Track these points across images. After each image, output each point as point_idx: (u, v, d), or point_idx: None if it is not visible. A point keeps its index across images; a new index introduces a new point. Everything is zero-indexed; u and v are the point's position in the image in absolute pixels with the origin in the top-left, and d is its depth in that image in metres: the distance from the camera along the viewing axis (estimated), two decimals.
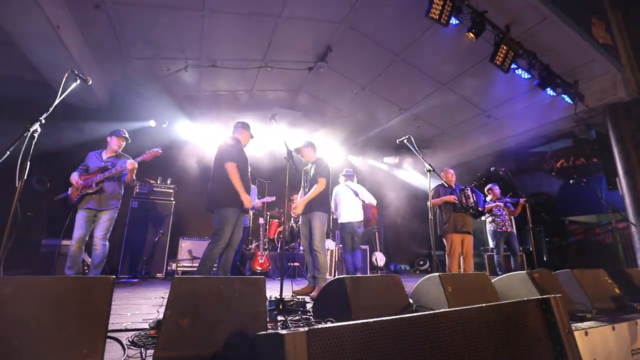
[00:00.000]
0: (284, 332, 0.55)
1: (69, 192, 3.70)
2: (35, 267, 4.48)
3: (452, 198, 4.49)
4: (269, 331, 0.74)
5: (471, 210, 4.51)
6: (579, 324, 1.73)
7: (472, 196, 4.55)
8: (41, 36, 3.83)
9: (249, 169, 3.43)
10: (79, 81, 2.11)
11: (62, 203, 3.87)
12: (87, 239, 3.68)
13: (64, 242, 4.48)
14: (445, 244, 4.57)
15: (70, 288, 1.30)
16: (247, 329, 1.35)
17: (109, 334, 1.74)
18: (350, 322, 0.59)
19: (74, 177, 3.67)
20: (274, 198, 5.59)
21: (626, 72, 5.52)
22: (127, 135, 4.00)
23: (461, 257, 4.52)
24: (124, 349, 1.58)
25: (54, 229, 4.70)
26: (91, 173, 3.73)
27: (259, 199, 5.43)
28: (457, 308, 0.72)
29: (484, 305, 0.74)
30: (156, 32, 4.69)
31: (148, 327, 1.83)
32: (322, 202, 3.68)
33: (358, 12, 4.80)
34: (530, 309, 0.78)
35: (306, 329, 0.57)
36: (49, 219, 4.96)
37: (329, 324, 0.59)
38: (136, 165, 3.74)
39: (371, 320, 0.62)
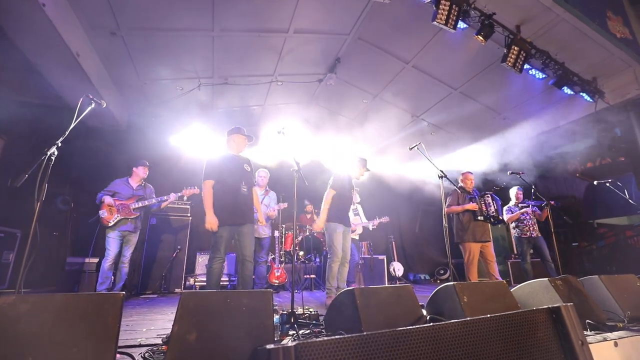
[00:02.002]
0: (271, 346, 0.54)
1: (104, 214, 4.03)
2: (60, 284, 4.64)
3: (474, 206, 4.34)
4: (270, 345, 0.73)
5: (492, 220, 4.34)
6: (608, 334, 1.62)
7: (493, 204, 4.38)
8: (63, 65, 4.07)
9: (250, 176, 3.40)
10: (93, 105, 2.22)
11: (84, 223, 4.18)
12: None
13: (88, 260, 4.66)
14: (463, 252, 4.41)
15: (81, 305, 1.33)
16: (254, 343, 1.34)
17: (122, 350, 1.78)
18: (339, 337, 0.57)
19: (109, 201, 4.07)
20: (285, 205, 5.58)
21: None
22: (148, 164, 4.53)
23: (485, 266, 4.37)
24: None
25: (77, 247, 4.89)
26: (125, 199, 4.20)
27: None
28: (460, 320, 0.69)
29: (490, 316, 0.70)
30: (169, 54, 4.90)
31: (161, 342, 1.85)
32: (330, 212, 3.83)
33: (365, 23, 4.85)
34: (539, 319, 0.73)
35: (294, 343, 0.55)
36: (73, 238, 5.16)
37: (319, 338, 0.58)
38: (176, 200, 4.48)
39: (363, 334, 0.60)
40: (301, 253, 6.60)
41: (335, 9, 4.55)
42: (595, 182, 5.25)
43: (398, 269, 6.51)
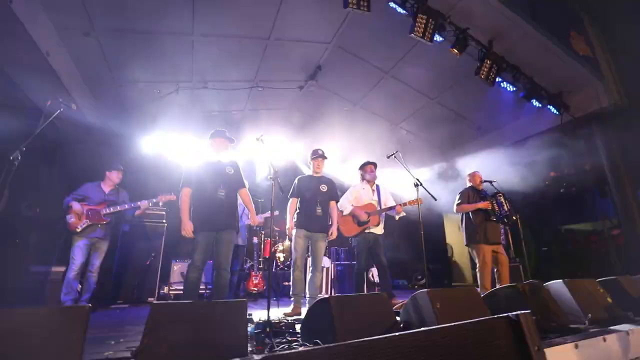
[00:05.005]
0: None
1: (70, 219, 3.81)
2: (24, 294, 4.37)
3: (486, 204, 4.09)
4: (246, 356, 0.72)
5: (506, 220, 4.08)
6: (569, 337, 1.70)
7: (506, 203, 4.10)
8: (31, 64, 3.89)
9: (233, 180, 3.27)
10: (63, 108, 2.14)
11: (51, 229, 3.92)
12: None
13: (55, 269, 4.40)
14: (476, 256, 4.09)
15: (43, 320, 1.27)
16: (227, 355, 1.31)
17: None
18: (303, 349, 0.58)
19: (77, 207, 3.83)
20: (268, 214, 5.54)
21: (608, 83, 5.67)
22: (123, 168, 4.30)
23: (494, 270, 4.08)
24: None
25: (42, 255, 4.62)
26: (96, 204, 3.97)
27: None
28: (422, 329, 0.71)
29: (446, 325, 0.72)
30: (147, 57, 4.78)
31: (130, 355, 1.78)
32: (297, 218, 3.75)
33: (346, 32, 4.94)
34: (497, 327, 0.77)
35: (261, 356, 0.55)
36: (38, 246, 4.88)
37: (286, 351, 0.58)
38: (150, 206, 4.20)
39: (321, 346, 0.60)
40: (281, 258, 6.55)
41: (316, 18, 4.61)
42: (562, 190, 5.51)
43: (377, 275, 6.56)
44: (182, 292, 3.03)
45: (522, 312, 0.80)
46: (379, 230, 4.11)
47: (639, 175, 5.50)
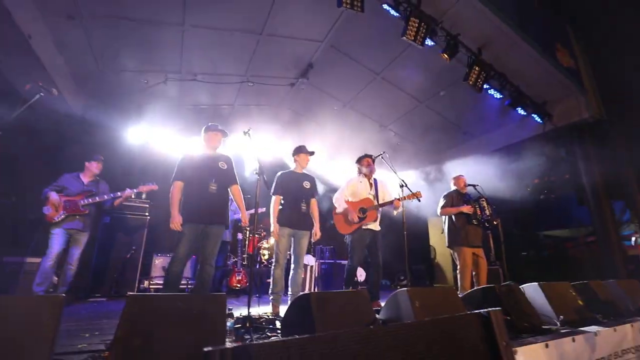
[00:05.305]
0: (208, 349, 0.54)
1: (47, 210, 3.71)
2: None
3: (469, 208, 4.19)
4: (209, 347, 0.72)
5: (487, 224, 4.19)
6: (540, 337, 1.76)
7: (488, 208, 4.22)
8: (11, 46, 3.75)
9: (226, 175, 3.22)
10: (42, 93, 2.07)
11: (27, 219, 3.81)
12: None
13: (29, 260, 4.26)
14: (456, 258, 4.22)
15: (16, 308, 1.23)
16: (204, 347, 1.30)
17: (61, 357, 1.66)
18: (277, 339, 0.58)
19: (54, 197, 3.73)
20: (253, 210, 5.50)
21: (589, 95, 5.87)
22: (102, 159, 4.19)
23: (473, 273, 4.17)
24: None
25: (17, 246, 4.46)
26: (74, 195, 3.87)
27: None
28: (395, 323, 0.73)
29: (421, 320, 0.74)
30: (134, 45, 4.68)
31: (104, 348, 1.74)
32: (280, 216, 3.60)
33: (339, 31, 4.95)
34: (469, 323, 0.79)
35: (234, 345, 0.56)
36: (12, 236, 4.71)
37: (255, 342, 0.58)
38: (133, 196, 4.15)
39: (295, 337, 0.61)
40: (266, 255, 6.52)
41: (309, 15, 4.61)
42: (541, 196, 5.68)
43: (360, 274, 6.61)
44: (162, 286, 2.96)
45: (493, 309, 0.83)
46: (376, 226, 3.94)
47: (614, 185, 5.73)
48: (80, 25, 4.13)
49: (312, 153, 3.86)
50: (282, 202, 3.63)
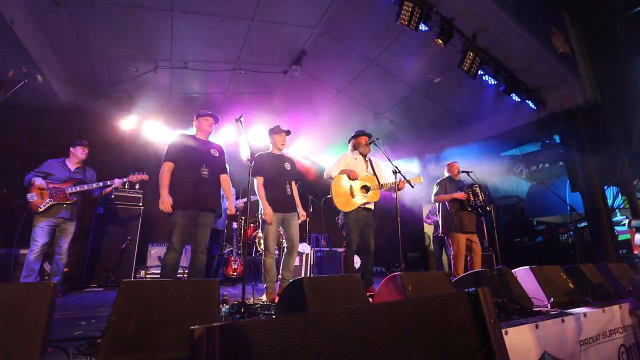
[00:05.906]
0: (196, 327, 0.54)
1: (32, 197, 3.51)
2: None
3: (462, 195, 4.22)
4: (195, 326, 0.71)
5: (479, 210, 4.22)
6: (531, 318, 1.80)
7: (481, 194, 4.24)
8: None
9: (217, 162, 3.16)
10: (27, 80, 2.01)
11: (13, 209, 3.67)
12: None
13: (23, 251, 4.21)
14: (450, 244, 4.25)
15: (5, 296, 1.22)
16: None
17: (57, 343, 1.66)
18: (266, 318, 0.59)
19: (40, 182, 3.53)
20: (244, 200, 5.51)
21: (583, 80, 5.86)
22: (87, 143, 3.97)
23: (468, 258, 4.22)
24: (69, 357, 1.51)
25: (4, 237, 4.39)
26: (61, 182, 3.67)
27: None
28: (383, 302, 0.73)
29: (412, 298, 0.75)
30: (122, 32, 4.55)
31: (100, 334, 1.74)
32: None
33: (332, 17, 4.85)
34: (458, 300, 0.80)
35: (219, 323, 0.55)
36: (3, 227, 4.65)
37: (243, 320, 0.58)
38: (125, 186, 4.01)
39: (284, 316, 0.61)
40: (262, 244, 6.53)
41: (302, 0, 4.51)
42: (534, 183, 5.73)
43: (356, 261, 6.67)
44: (159, 276, 2.94)
45: (481, 288, 0.83)
46: (372, 205, 3.81)
47: (607, 172, 5.79)
48: (66, 10, 4.00)
49: (288, 132, 3.65)
50: (264, 184, 3.43)
